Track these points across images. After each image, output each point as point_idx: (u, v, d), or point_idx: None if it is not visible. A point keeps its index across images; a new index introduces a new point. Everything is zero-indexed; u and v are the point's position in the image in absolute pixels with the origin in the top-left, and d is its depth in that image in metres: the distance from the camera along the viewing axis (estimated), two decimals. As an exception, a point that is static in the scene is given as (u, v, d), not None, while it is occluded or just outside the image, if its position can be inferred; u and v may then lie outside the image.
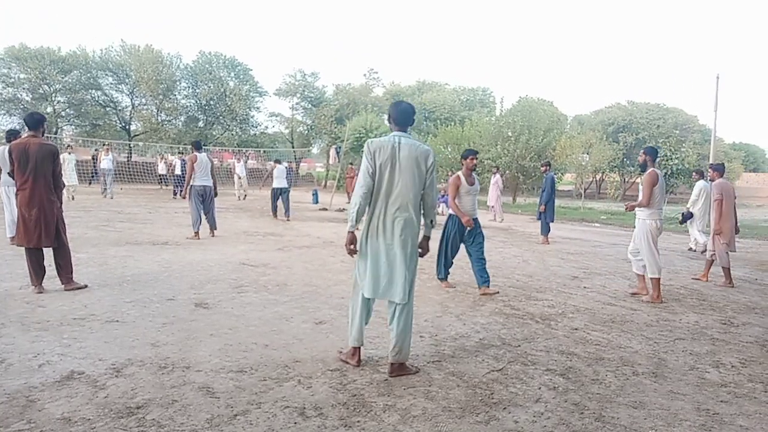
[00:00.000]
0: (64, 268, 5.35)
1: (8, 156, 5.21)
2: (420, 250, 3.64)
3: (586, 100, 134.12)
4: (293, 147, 37.27)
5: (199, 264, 6.99)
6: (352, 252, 3.55)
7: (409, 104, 3.71)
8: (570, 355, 4.07)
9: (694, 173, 11.59)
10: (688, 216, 10.41)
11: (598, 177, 38.64)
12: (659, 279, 6.02)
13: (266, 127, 38.39)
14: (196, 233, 9.28)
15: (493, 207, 16.76)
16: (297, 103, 38.01)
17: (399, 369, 3.52)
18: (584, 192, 29.79)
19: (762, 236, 14.88)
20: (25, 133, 5.46)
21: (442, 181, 22.95)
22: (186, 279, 6.07)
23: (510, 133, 25.14)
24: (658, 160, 7.56)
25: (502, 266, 7.95)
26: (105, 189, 18.01)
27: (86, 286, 5.44)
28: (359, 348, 3.64)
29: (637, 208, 6.13)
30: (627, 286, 6.83)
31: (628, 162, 36.00)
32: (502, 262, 8.33)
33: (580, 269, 8.03)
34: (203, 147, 9.99)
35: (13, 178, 5.27)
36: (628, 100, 41.33)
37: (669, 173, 34.06)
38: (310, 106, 37.56)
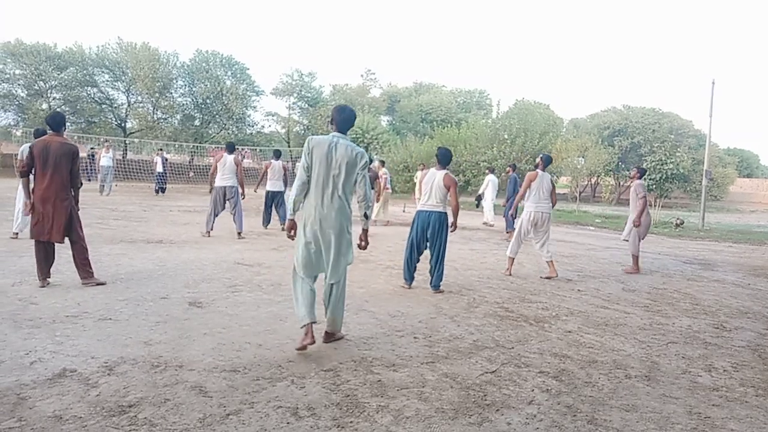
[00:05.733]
0: (82, 264, 5.48)
1: (28, 153, 5.37)
2: (359, 242, 4.10)
3: (582, 103, 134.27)
4: (289, 147, 37.20)
5: (194, 263, 6.96)
6: (291, 237, 4.03)
7: (351, 111, 4.10)
8: (563, 358, 4.08)
9: (486, 169, 16.81)
10: (479, 199, 14.65)
11: (593, 180, 38.74)
12: (512, 259, 7.50)
13: (263, 127, 38.32)
14: (208, 232, 9.50)
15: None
16: (294, 103, 37.97)
17: (330, 336, 4.12)
18: (579, 195, 29.89)
19: (755, 241, 14.97)
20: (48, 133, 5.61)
21: None
22: (180, 278, 6.05)
23: (506, 136, 25.26)
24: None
25: (497, 269, 7.96)
26: (103, 186, 17.86)
27: (104, 283, 5.51)
28: (311, 325, 3.85)
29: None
30: (621, 290, 6.85)
31: (623, 166, 36.16)
32: (497, 265, 8.34)
33: (575, 272, 8.06)
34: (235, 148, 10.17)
35: (27, 175, 5.45)
36: (623, 104, 41.40)
37: (663, 177, 34.26)
38: (306, 106, 37.50)
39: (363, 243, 4.09)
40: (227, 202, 9.56)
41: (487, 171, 16.05)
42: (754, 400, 3.46)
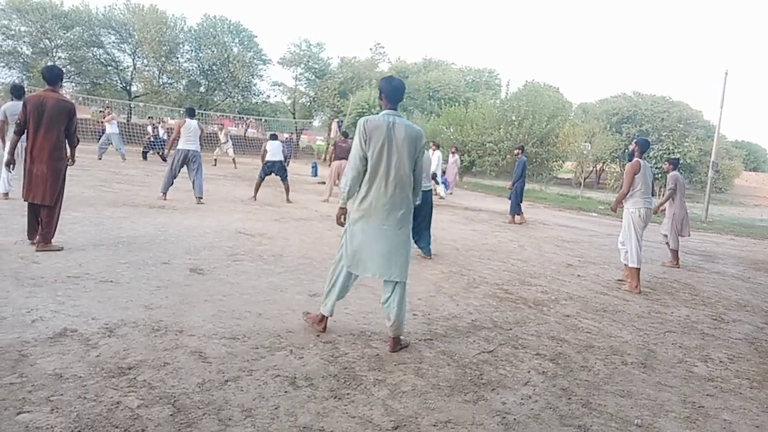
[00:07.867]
0: (47, 227, 5.16)
1: (23, 108, 5.09)
2: None
3: (592, 88, 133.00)
4: (295, 118, 36.94)
5: (195, 230, 6.97)
6: (341, 224, 3.65)
7: (400, 80, 3.65)
8: (560, 341, 4.10)
9: (432, 144, 16.47)
10: (433, 176, 15.48)
11: (598, 167, 38.53)
12: (638, 270, 6.11)
13: (268, 96, 37.90)
14: (164, 194, 9.49)
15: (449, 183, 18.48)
16: (300, 74, 37.50)
17: (397, 342, 3.59)
18: (583, 181, 29.76)
19: (757, 235, 14.94)
20: (44, 88, 5.28)
21: None
22: (181, 244, 6.06)
23: (514, 118, 24.92)
24: (652, 152, 8.58)
25: (498, 250, 7.97)
26: (102, 151, 17.76)
27: (62, 249, 5.19)
28: (327, 318, 3.75)
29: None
30: (620, 276, 6.86)
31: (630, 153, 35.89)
32: (498, 246, 8.34)
33: (575, 257, 8.06)
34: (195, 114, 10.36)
35: (22, 132, 5.15)
36: (633, 90, 40.96)
37: (669, 167, 34.07)
38: (313, 77, 37.06)
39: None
40: (188, 165, 9.62)
41: (433, 146, 15.91)
42: (748, 392, 3.49)
